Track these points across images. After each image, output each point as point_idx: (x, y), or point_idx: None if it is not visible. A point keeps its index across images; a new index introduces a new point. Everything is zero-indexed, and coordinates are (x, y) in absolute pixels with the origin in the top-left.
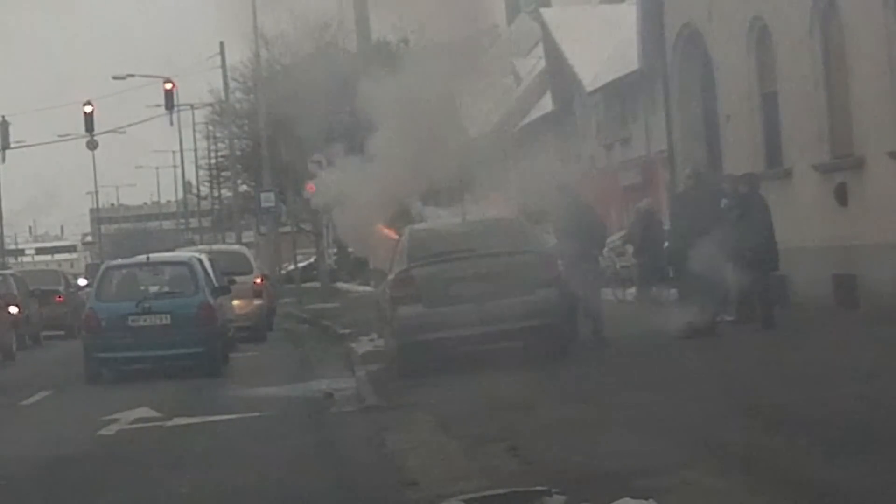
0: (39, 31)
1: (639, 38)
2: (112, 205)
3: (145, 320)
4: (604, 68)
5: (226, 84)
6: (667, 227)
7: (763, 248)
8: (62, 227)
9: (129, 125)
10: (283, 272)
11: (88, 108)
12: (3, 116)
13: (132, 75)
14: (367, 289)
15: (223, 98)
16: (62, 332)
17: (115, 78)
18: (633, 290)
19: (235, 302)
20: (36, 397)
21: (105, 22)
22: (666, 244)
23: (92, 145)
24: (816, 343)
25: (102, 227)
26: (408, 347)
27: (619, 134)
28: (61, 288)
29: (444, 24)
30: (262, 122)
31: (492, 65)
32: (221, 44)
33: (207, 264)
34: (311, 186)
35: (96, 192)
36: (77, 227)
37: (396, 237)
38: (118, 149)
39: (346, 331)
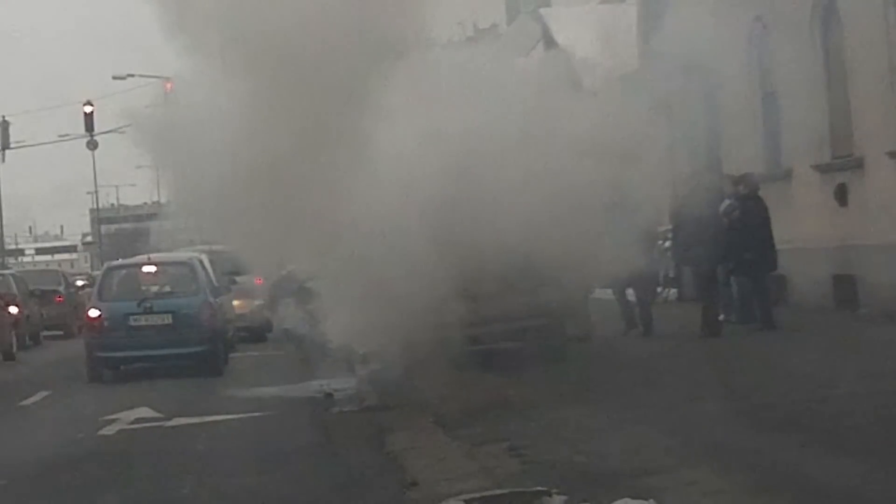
0: (40, 31)
1: (639, 38)
2: (112, 205)
3: (147, 320)
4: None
5: None
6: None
7: (762, 248)
8: (62, 227)
9: (129, 125)
10: (283, 272)
11: (88, 108)
12: (3, 116)
13: (132, 75)
14: None
15: None
16: (62, 332)
17: (115, 78)
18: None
19: (235, 302)
20: (36, 397)
21: (105, 22)
22: (667, 244)
23: (92, 145)
24: (816, 343)
25: (102, 227)
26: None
27: None
28: (61, 288)
29: None
30: None
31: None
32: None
33: (207, 264)
34: None
35: (96, 192)
36: (77, 227)
37: None
38: (118, 149)
39: None
